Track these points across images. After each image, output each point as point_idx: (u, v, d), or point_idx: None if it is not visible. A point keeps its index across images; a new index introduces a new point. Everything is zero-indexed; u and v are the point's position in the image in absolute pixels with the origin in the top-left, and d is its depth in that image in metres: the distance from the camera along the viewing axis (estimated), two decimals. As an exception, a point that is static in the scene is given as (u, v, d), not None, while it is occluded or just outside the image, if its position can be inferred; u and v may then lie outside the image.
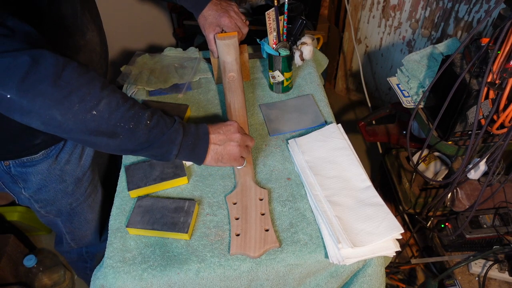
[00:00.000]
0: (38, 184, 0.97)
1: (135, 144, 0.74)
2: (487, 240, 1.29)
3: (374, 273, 0.81)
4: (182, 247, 0.82)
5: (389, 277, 1.44)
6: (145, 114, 0.74)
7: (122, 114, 0.71)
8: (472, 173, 1.12)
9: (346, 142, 0.97)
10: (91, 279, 0.81)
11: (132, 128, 0.72)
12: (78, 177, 1.03)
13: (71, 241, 1.18)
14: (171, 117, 0.79)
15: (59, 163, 0.97)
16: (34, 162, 0.92)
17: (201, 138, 0.81)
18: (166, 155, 0.77)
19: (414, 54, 1.23)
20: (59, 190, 1.01)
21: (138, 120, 0.73)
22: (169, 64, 1.22)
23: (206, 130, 0.82)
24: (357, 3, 1.96)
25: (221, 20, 1.05)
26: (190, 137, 0.79)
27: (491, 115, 0.96)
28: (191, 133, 0.80)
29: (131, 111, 0.72)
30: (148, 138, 0.74)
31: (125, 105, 0.71)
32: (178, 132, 0.77)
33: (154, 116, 0.75)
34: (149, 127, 0.74)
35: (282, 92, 1.15)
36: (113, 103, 0.70)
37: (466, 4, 1.62)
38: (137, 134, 0.73)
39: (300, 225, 0.84)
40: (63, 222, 1.12)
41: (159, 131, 0.75)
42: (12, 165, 0.91)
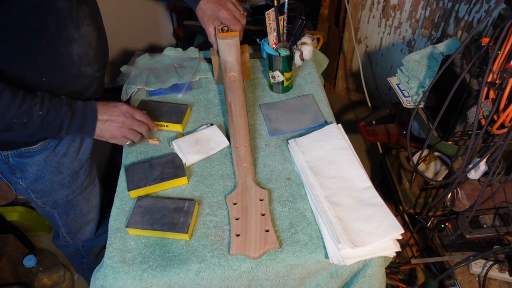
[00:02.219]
0: (34, 174, 0.98)
1: (29, 133, 0.84)
2: (487, 240, 1.29)
3: (374, 274, 0.81)
4: (182, 247, 0.82)
5: (389, 277, 1.44)
6: (36, 105, 0.82)
7: (15, 111, 0.79)
8: (472, 173, 1.12)
9: (346, 142, 0.97)
10: (91, 279, 0.81)
11: (26, 121, 0.81)
12: (75, 170, 1.04)
13: (66, 235, 1.19)
14: (58, 99, 0.87)
15: (56, 155, 0.98)
16: (32, 152, 0.94)
17: (89, 116, 0.90)
18: (57, 135, 0.88)
19: (414, 54, 1.23)
20: (55, 182, 1.02)
21: (31, 114, 0.81)
22: (169, 64, 1.22)
23: (94, 108, 0.92)
24: (357, 3, 1.96)
25: (219, 13, 1.06)
26: (78, 117, 0.89)
27: (491, 115, 0.96)
28: (79, 113, 0.89)
29: (23, 107, 0.80)
30: (41, 126, 0.84)
31: (16, 102, 0.79)
32: (67, 114, 0.87)
33: (44, 105, 0.83)
34: (41, 117, 0.83)
35: (282, 92, 1.15)
36: (4, 103, 0.77)
37: (466, 4, 1.62)
38: (30, 126, 0.82)
39: (300, 226, 0.84)
40: (59, 215, 1.13)
41: (50, 118, 0.84)
42: (10, 155, 0.93)
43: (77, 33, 0.88)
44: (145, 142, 1.03)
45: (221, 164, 0.97)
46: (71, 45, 0.87)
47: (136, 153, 1.00)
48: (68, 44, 0.86)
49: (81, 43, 0.89)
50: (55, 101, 0.85)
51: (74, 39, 0.87)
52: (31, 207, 1.73)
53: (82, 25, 0.89)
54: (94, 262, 1.31)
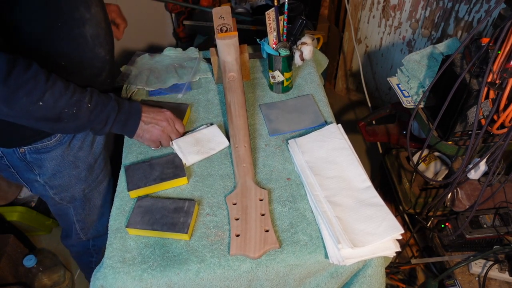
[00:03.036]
0: (53, 169, 0.99)
1: (77, 125, 0.85)
2: (487, 240, 1.29)
3: (374, 274, 0.81)
4: (182, 247, 0.82)
5: (389, 277, 1.44)
6: (86, 98, 0.84)
7: (66, 101, 0.80)
8: (472, 173, 1.12)
9: (346, 142, 0.97)
10: (91, 279, 0.81)
11: (75, 113, 0.82)
12: (90, 164, 1.06)
13: (80, 231, 1.19)
14: (107, 95, 0.90)
15: (72, 149, 1.00)
16: (48, 148, 0.95)
17: (133, 114, 0.93)
18: (102, 129, 0.89)
19: (414, 54, 1.23)
20: (72, 176, 1.04)
21: (80, 105, 0.83)
22: (169, 64, 1.22)
23: (139, 109, 0.94)
24: (357, 3, 1.96)
25: None
26: (123, 114, 0.91)
27: (491, 115, 0.96)
28: (125, 110, 0.91)
29: (74, 98, 0.82)
30: (89, 119, 0.85)
31: (67, 93, 0.81)
32: (114, 109, 0.89)
33: (93, 98, 0.85)
34: (90, 109, 0.85)
35: (282, 92, 1.15)
36: (56, 92, 0.79)
37: (466, 4, 1.62)
38: (79, 117, 0.84)
39: (300, 226, 0.84)
40: (75, 209, 1.13)
41: (98, 111, 0.86)
42: (27, 152, 0.94)
43: (88, 13, 0.87)
44: None
45: (221, 164, 0.97)
46: (84, 26, 0.86)
47: (136, 153, 1.00)
48: (81, 25, 0.86)
49: (92, 24, 0.88)
50: (104, 96, 0.88)
51: (86, 20, 0.86)
52: (31, 207, 1.73)
53: (92, 5, 0.88)
54: None
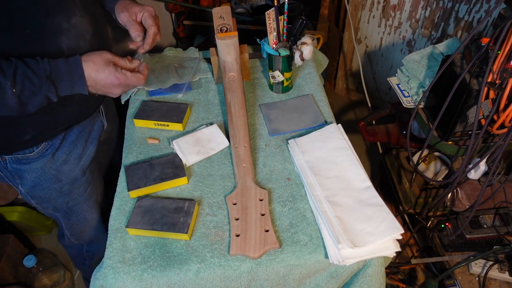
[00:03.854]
0: (32, 181, 0.97)
1: (11, 110, 0.75)
2: (487, 240, 1.29)
3: (374, 274, 0.81)
4: (182, 247, 0.82)
5: (389, 277, 1.44)
6: (7, 83, 0.73)
7: None
8: (472, 173, 1.12)
9: (346, 142, 0.97)
10: (91, 279, 0.81)
11: (1, 100, 0.73)
12: (75, 177, 1.03)
13: (70, 237, 1.19)
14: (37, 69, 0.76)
15: (55, 163, 0.97)
16: (29, 160, 0.93)
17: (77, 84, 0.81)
18: (50, 102, 0.79)
19: (414, 54, 1.23)
20: (53, 189, 1.01)
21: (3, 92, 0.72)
22: (169, 64, 1.22)
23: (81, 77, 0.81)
24: (357, 3, 1.96)
25: None
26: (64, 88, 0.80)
27: (491, 115, 0.96)
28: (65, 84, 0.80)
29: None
30: (21, 102, 0.75)
31: None
32: (50, 89, 0.78)
33: (17, 80, 0.74)
34: (16, 95, 0.74)
35: (282, 92, 1.15)
36: None
37: (466, 4, 1.62)
38: (8, 104, 0.74)
39: (300, 226, 0.84)
40: (61, 218, 1.13)
41: (28, 93, 0.75)
42: (8, 161, 0.92)
43: (66, 23, 0.82)
44: (145, 141, 1.03)
45: (221, 164, 0.97)
46: (59, 36, 0.81)
47: (136, 153, 1.00)
48: (54, 36, 0.81)
49: (71, 35, 0.83)
50: (32, 74, 0.75)
51: (62, 30, 0.81)
52: (31, 207, 1.73)
53: (74, 15, 0.83)
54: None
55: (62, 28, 0.81)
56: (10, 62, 0.74)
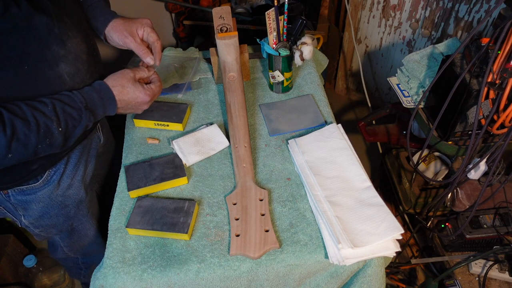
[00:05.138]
0: (39, 212, 0.94)
1: (57, 148, 0.78)
2: (487, 240, 1.29)
3: (374, 274, 0.81)
4: (182, 247, 0.82)
5: (389, 277, 1.44)
6: (53, 123, 0.75)
7: (34, 140, 0.72)
8: (472, 173, 1.12)
9: (346, 142, 0.97)
10: (91, 279, 0.81)
11: (50, 143, 0.76)
12: (80, 200, 1.01)
13: (68, 252, 1.16)
14: (73, 106, 0.78)
15: (61, 189, 0.94)
16: (34, 190, 0.90)
17: (109, 110, 0.85)
18: (87, 132, 0.84)
19: (414, 54, 1.23)
20: (60, 215, 0.99)
21: (51, 133, 0.75)
22: (169, 64, 1.22)
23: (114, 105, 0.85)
24: (357, 3, 1.96)
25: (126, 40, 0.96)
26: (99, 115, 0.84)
27: (491, 115, 0.96)
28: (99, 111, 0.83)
29: (41, 130, 0.73)
30: (65, 138, 0.78)
31: (32, 131, 0.72)
32: (89, 119, 0.81)
33: (60, 118, 0.76)
34: (62, 133, 0.77)
35: (282, 92, 1.15)
36: (21, 136, 0.71)
37: (466, 4, 1.62)
38: (55, 144, 0.77)
39: (300, 226, 0.84)
40: (61, 239, 1.10)
41: (72, 128, 0.78)
42: (11, 194, 0.89)
43: (63, 49, 0.79)
44: (145, 141, 1.03)
45: (221, 164, 0.97)
46: (58, 65, 0.79)
47: (136, 153, 1.00)
48: (54, 65, 0.78)
49: (69, 60, 0.81)
50: (71, 109, 0.78)
51: (60, 57, 0.79)
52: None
53: (68, 38, 0.80)
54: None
55: (59, 56, 0.79)
56: (45, 103, 0.75)
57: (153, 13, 1.89)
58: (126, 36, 0.95)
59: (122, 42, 0.97)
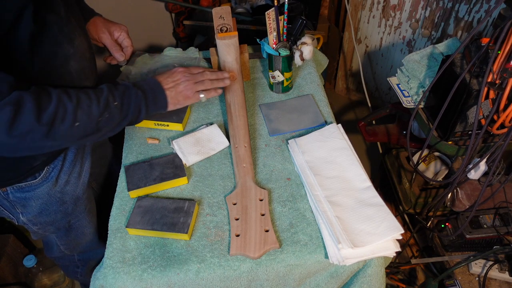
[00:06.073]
0: (38, 208, 0.95)
1: (114, 126, 0.83)
2: (487, 240, 1.29)
3: (374, 274, 0.81)
4: (182, 247, 0.82)
5: (389, 277, 1.44)
6: (109, 97, 0.80)
7: (96, 111, 0.77)
8: (472, 173, 1.12)
9: (346, 142, 0.97)
10: (91, 279, 0.81)
11: (109, 116, 0.80)
12: (78, 196, 1.02)
13: (64, 250, 1.17)
14: (122, 86, 0.85)
15: (59, 185, 0.96)
16: (33, 186, 0.91)
17: (156, 90, 0.89)
18: (139, 118, 0.87)
19: (414, 54, 1.23)
20: (59, 212, 1.00)
21: (109, 107, 0.80)
22: (169, 64, 1.22)
23: (156, 82, 0.91)
24: (357, 3, 1.96)
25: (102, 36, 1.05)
26: (149, 94, 0.87)
27: (491, 115, 0.96)
28: (148, 90, 0.88)
29: (101, 103, 0.78)
30: (122, 115, 0.83)
31: (93, 101, 0.77)
32: (139, 96, 0.85)
33: (115, 95, 0.81)
34: (118, 107, 0.81)
35: (282, 92, 1.15)
36: (84, 106, 0.76)
37: (466, 4, 1.62)
38: (114, 118, 0.81)
39: (300, 226, 0.84)
40: (58, 237, 1.10)
41: (127, 104, 0.83)
42: (10, 191, 0.89)
43: (72, 48, 0.83)
44: (145, 141, 1.03)
45: (221, 164, 0.97)
46: (69, 62, 0.82)
47: (136, 153, 1.00)
48: (65, 62, 0.82)
49: (77, 58, 0.84)
50: (122, 87, 0.84)
51: (71, 55, 0.82)
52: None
53: (75, 37, 0.84)
54: (90, 273, 1.29)
55: (70, 54, 0.83)
56: (99, 87, 0.82)
57: (153, 13, 1.90)
58: (103, 32, 1.04)
59: (98, 37, 1.05)
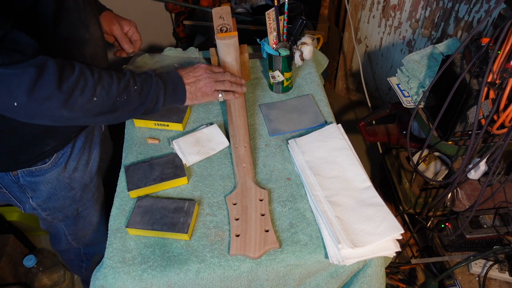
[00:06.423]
0: (47, 193, 0.97)
1: (131, 110, 0.83)
2: (487, 240, 1.29)
3: (374, 274, 0.81)
4: (182, 247, 0.82)
5: (389, 277, 1.44)
6: (130, 81, 0.81)
7: (116, 90, 0.78)
8: (472, 173, 1.12)
9: (346, 142, 0.97)
10: (91, 279, 0.81)
11: (127, 99, 0.80)
12: (85, 184, 1.04)
13: (72, 241, 1.18)
14: (144, 73, 0.86)
15: (68, 171, 0.97)
16: (43, 171, 0.92)
17: (177, 82, 0.90)
18: (155, 107, 0.87)
19: (414, 54, 1.23)
20: (67, 198, 1.01)
21: (129, 89, 0.81)
22: (169, 64, 1.22)
23: (178, 75, 0.92)
24: (357, 3, 1.96)
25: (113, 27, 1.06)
26: (169, 85, 0.88)
27: (491, 115, 0.96)
28: (169, 81, 0.89)
29: (121, 84, 0.80)
30: (140, 101, 0.83)
31: (114, 81, 0.79)
32: (159, 85, 0.86)
33: (136, 80, 0.83)
34: (138, 91, 0.82)
35: (282, 92, 1.15)
36: (105, 83, 0.77)
37: (466, 4, 1.62)
38: (131, 102, 0.82)
39: (300, 226, 0.84)
40: (66, 226, 1.12)
41: (146, 90, 0.84)
42: (20, 175, 0.91)
43: (87, 33, 0.85)
44: (145, 141, 1.03)
45: (221, 164, 0.97)
46: (84, 47, 0.85)
47: (136, 153, 1.00)
48: (81, 46, 0.84)
49: (91, 43, 0.87)
50: (144, 75, 0.85)
51: (86, 40, 0.85)
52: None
53: (90, 24, 0.87)
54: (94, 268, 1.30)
55: (85, 39, 0.85)
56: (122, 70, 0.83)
57: (153, 13, 1.90)
58: (114, 24, 1.07)
59: (109, 29, 1.07)
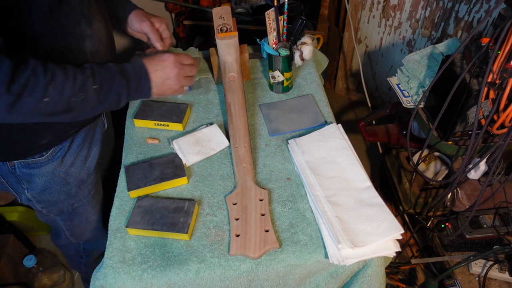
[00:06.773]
0: (42, 185, 0.97)
1: (89, 109, 0.81)
2: (487, 240, 1.29)
3: (374, 274, 0.81)
4: (182, 247, 0.82)
5: (389, 277, 1.44)
6: (89, 79, 0.78)
7: (70, 90, 0.75)
8: (472, 173, 1.12)
9: (346, 142, 0.97)
10: (91, 279, 0.81)
11: (83, 99, 0.78)
12: (82, 180, 1.04)
13: (70, 237, 1.19)
14: (108, 69, 0.83)
15: (64, 166, 0.98)
16: (39, 164, 0.93)
17: (142, 78, 0.87)
18: (117, 105, 0.85)
19: (414, 54, 1.23)
20: (62, 192, 1.02)
21: (86, 89, 0.77)
22: (169, 64, 1.22)
23: (144, 69, 0.88)
24: (357, 3, 1.96)
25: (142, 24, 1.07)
26: (133, 82, 0.85)
27: (491, 115, 0.96)
28: (133, 78, 0.86)
29: (77, 84, 0.76)
30: (99, 100, 0.80)
31: (69, 80, 0.75)
32: (122, 84, 0.83)
33: (96, 78, 0.79)
34: (97, 91, 0.79)
35: (282, 92, 1.15)
36: (58, 83, 0.74)
37: (466, 4, 1.62)
38: (89, 102, 0.79)
39: (300, 226, 0.84)
40: (63, 221, 1.13)
41: (106, 90, 0.81)
42: (17, 166, 0.92)
43: (89, 29, 0.85)
44: (145, 141, 1.03)
45: (221, 164, 0.97)
46: (84, 42, 0.85)
47: (136, 153, 1.00)
48: (81, 40, 0.84)
49: (93, 40, 0.87)
50: (106, 72, 0.82)
51: (87, 36, 0.85)
52: (31, 207, 1.73)
53: (94, 21, 0.87)
54: (94, 264, 1.31)
55: (86, 34, 0.85)
56: (85, 66, 0.80)
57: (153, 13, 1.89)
58: (144, 21, 1.06)
59: (139, 26, 1.06)
